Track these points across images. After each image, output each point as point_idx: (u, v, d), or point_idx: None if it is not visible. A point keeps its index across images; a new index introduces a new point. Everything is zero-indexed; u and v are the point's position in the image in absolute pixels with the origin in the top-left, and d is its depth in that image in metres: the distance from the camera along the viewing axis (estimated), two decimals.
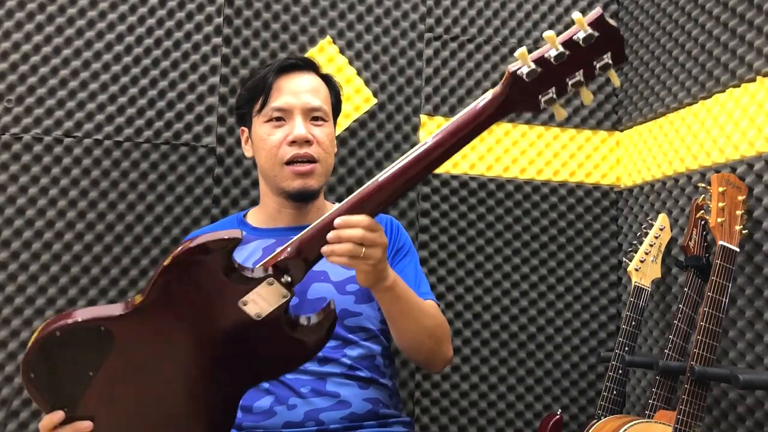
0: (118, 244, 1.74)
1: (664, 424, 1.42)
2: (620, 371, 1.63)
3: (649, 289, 1.69)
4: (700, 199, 1.55)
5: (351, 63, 1.91)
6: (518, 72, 0.91)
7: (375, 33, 1.93)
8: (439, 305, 1.36)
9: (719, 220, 1.43)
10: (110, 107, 1.77)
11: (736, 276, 1.50)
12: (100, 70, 1.77)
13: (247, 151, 1.39)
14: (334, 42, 1.91)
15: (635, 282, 1.69)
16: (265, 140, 1.29)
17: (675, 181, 1.77)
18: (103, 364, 0.96)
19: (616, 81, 0.92)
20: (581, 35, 0.88)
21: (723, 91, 1.62)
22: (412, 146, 1.92)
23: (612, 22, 0.89)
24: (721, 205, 1.44)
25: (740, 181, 1.49)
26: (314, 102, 1.30)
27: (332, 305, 1.02)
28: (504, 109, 0.94)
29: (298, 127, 1.27)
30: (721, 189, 1.45)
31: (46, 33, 1.75)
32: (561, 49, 0.89)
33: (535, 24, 2.03)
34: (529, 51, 0.91)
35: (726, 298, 1.38)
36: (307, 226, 1.33)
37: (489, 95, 0.94)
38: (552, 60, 0.90)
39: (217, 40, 1.84)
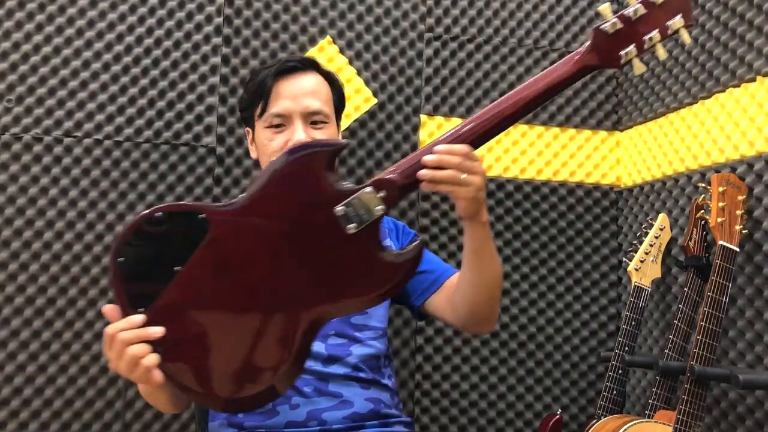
0: None
1: (664, 424, 1.43)
2: (620, 371, 1.63)
3: (649, 289, 1.69)
4: (700, 199, 1.55)
5: (351, 63, 1.91)
6: (602, 27, 0.99)
7: (375, 33, 1.93)
8: None
9: (719, 220, 1.43)
10: (110, 107, 1.77)
11: (736, 276, 1.50)
12: (100, 70, 1.77)
13: (253, 152, 1.38)
14: (334, 42, 1.91)
15: (635, 282, 1.69)
16: (267, 146, 1.28)
17: (675, 181, 1.77)
18: (191, 258, 0.94)
19: (687, 39, 1.01)
20: None
21: (723, 91, 1.62)
22: (413, 146, 1.92)
23: None
24: (721, 205, 1.44)
25: (740, 181, 1.49)
26: (314, 105, 1.28)
27: (419, 240, 1.03)
28: (588, 64, 1.00)
29: (298, 133, 1.25)
30: (721, 189, 1.45)
31: (46, 33, 1.75)
32: (639, 6, 0.98)
33: (535, 24, 2.03)
34: (528, 52, 0.92)
35: (726, 298, 1.38)
36: None
37: (574, 54, 1.01)
38: (632, 16, 0.98)
39: (217, 40, 1.84)
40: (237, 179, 1.82)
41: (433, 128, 1.95)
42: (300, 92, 1.28)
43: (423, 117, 1.94)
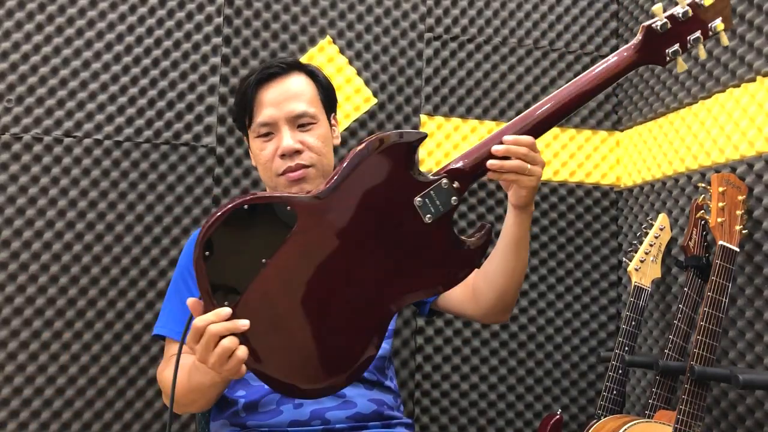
0: (118, 244, 1.74)
1: (664, 424, 1.43)
2: (620, 371, 1.63)
3: (649, 289, 1.69)
4: (700, 199, 1.55)
5: (351, 63, 1.91)
6: (653, 26, 1.05)
7: (375, 33, 1.93)
8: None
9: (719, 220, 1.43)
10: (110, 107, 1.77)
11: (736, 276, 1.50)
12: (100, 70, 1.77)
13: (252, 159, 1.39)
14: (334, 42, 1.91)
15: (635, 282, 1.69)
16: (259, 155, 1.29)
17: (675, 181, 1.77)
18: (279, 250, 0.96)
19: (725, 41, 1.09)
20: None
21: (723, 91, 1.62)
22: None
23: None
24: (721, 205, 1.44)
25: (740, 181, 1.49)
26: (298, 108, 1.26)
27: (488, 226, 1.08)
28: (638, 59, 1.07)
29: (285, 139, 1.25)
30: (721, 189, 1.45)
31: (46, 33, 1.75)
32: (687, 8, 1.06)
33: (535, 24, 2.03)
34: (528, 52, 0.92)
35: (726, 298, 1.38)
36: None
37: (625, 49, 1.07)
38: (680, 17, 1.06)
39: (217, 40, 1.84)
40: (237, 179, 1.82)
41: (433, 128, 1.95)
42: (282, 97, 1.26)
43: (423, 117, 1.94)
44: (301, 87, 1.29)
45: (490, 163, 1.03)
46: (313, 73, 1.33)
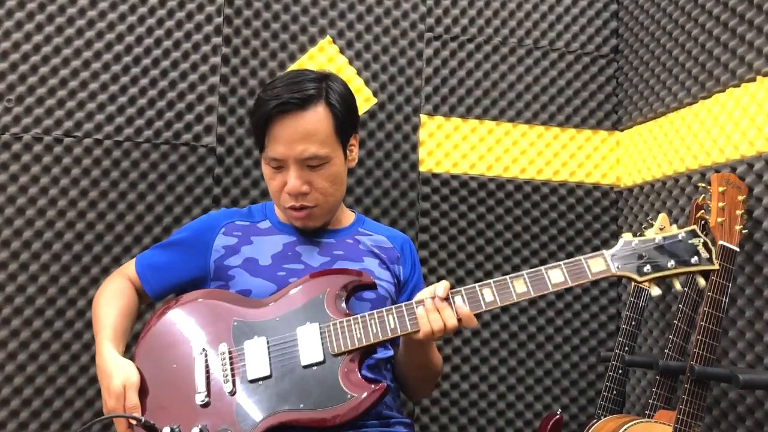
0: (118, 244, 1.74)
1: (664, 424, 1.42)
2: (620, 371, 1.63)
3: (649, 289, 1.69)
4: (700, 199, 1.55)
5: (351, 63, 1.91)
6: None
7: (375, 33, 1.93)
8: None
9: (719, 220, 1.43)
10: (110, 107, 1.77)
11: (736, 276, 1.50)
12: (100, 70, 1.77)
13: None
14: (334, 42, 1.91)
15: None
16: (269, 183, 1.30)
17: (675, 181, 1.77)
18: None
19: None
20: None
21: (723, 91, 1.62)
22: (413, 146, 1.92)
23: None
24: (721, 204, 1.44)
25: (740, 181, 1.49)
26: (307, 151, 1.22)
27: None
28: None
29: (291, 179, 1.23)
30: (721, 189, 1.45)
31: (46, 33, 1.75)
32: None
33: (535, 24, 2.03)
34: (528, 52, 0.92)
35: (726, 298, 1.38)
36: (328, 230, 1.34)
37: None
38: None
39: (217, 40, 1.84)
40: (237, 179, 1.82)
41: (433, 128, 1.95)
42: (294, 137, 1.22)
43: (423, 117, 1.94)
44: (314, 126, 1.23)
45: (438, 292, 1.14)
46: (332, 104, 1.26)
